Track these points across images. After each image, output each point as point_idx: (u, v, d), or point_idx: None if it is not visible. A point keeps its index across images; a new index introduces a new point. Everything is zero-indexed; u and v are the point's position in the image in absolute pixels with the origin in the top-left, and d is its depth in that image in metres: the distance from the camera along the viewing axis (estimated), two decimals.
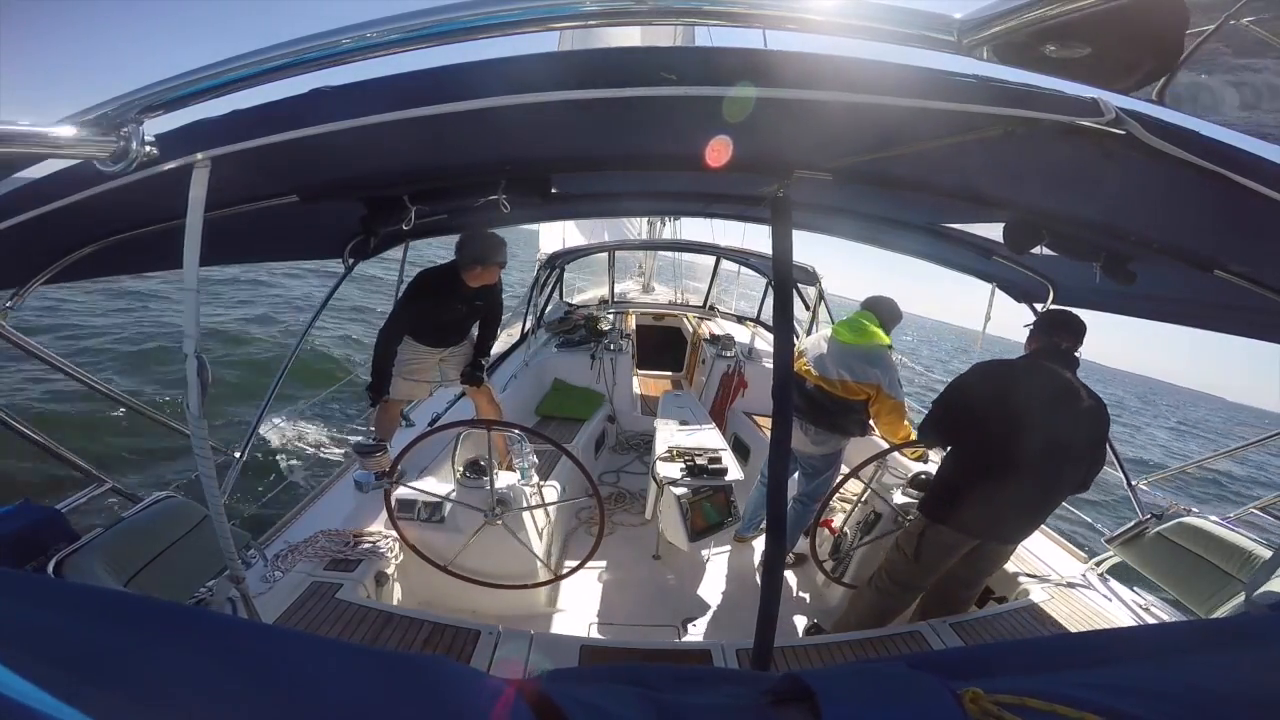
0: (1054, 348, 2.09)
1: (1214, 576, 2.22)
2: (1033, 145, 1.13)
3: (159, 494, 1.94)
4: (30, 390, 6.36)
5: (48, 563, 1.48)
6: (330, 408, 7.14)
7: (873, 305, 2.90)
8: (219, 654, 0.39)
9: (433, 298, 2.89)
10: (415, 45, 0.73)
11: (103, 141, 0.78)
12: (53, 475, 4.80)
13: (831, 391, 2.77)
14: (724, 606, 2.88)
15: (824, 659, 1.98)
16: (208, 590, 1.80)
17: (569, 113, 1.17)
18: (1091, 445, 2.06)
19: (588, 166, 1.82)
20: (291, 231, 2.21)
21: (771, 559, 1.29)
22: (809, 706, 0.42)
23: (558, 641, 2.02)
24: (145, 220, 1.49)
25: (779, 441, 1.32)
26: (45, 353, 1.81)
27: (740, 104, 0.99)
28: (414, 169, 1.68)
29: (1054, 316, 2.20)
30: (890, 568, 2.36)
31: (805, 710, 0.42)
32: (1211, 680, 0.47)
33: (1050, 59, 0.71)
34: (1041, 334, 2.18)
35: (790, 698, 0.44)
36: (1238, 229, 1.35)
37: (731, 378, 5.08)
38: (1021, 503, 2.11)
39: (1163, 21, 0.66)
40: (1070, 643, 0.59)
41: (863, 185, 1.75)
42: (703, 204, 2.77)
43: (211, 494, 1.24)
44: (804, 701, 0.43)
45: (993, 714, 0.40)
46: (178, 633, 0.41)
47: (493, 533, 2.37)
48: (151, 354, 8.48)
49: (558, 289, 6.05)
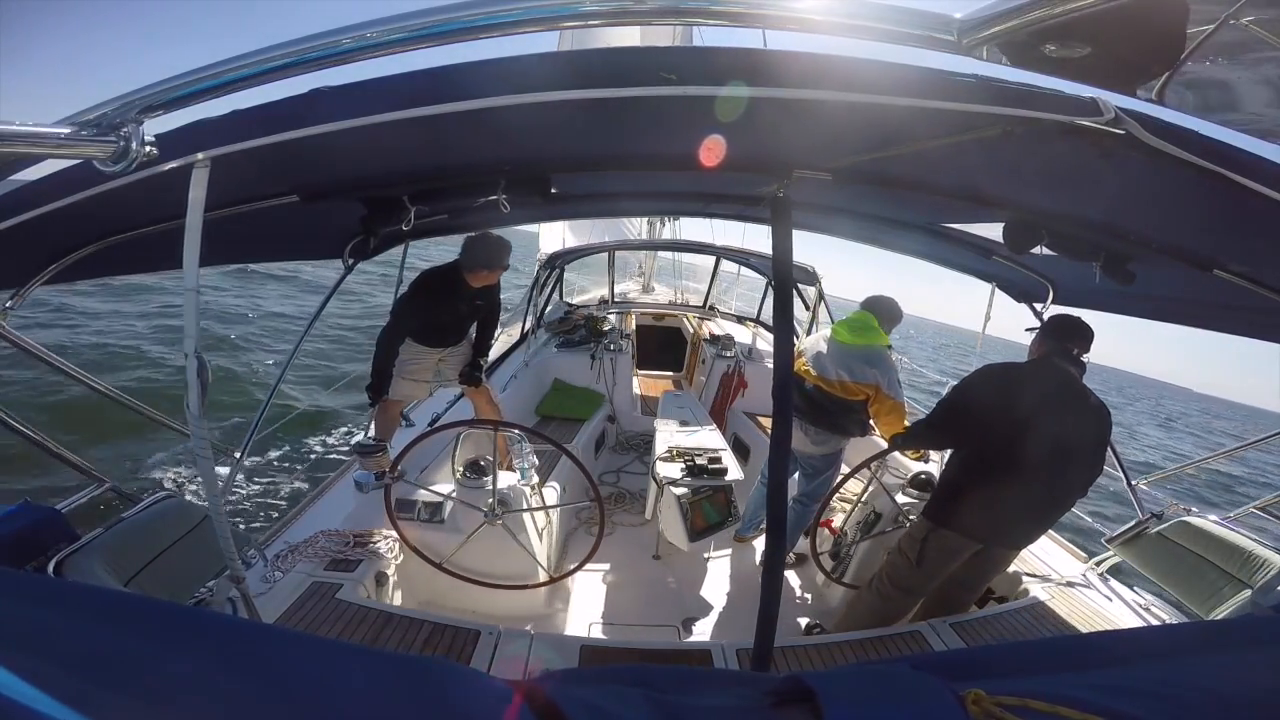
0: (1064, 352, 2.06)
1: (1214, 576, 2.22)
2: (1032, 145, 1.13)
3: (159, 494, 1.94)
4: (30, 390, 6.36)
5: (48, 563, 1.48)
6: (330, 407, 7.14)
7: (872, 305, 2.88)
8: (222, 655, 0.39)
9: (434, 297, 2.89)
10: (415, 45, 0.73)
11: (103, 141, 0.78)
12: (53, 475, 4.81)
13: (831, 392, 2.77)
14: (724, 606, 2.88)
15: (824, 659, 1.97)
16: (208, 590, 1.80)
17: (569, 113, 1.17)
18: (1096, 450, 2.04)
19: (588, 166, 1.81)
20: (291, 231, 2.21)
21: (772, 559, 1.29)
22: (810, 707, 0.42)
23: (558, 641, 2.02)
24: (145, 220, 1.49)
25: (779, 441, 1.32)
26: (45, 353, 1.81)
27: (740, 104, 0.99)
28: (414, 169, 1.68)
29: (1064, 323, 2.15)
30: (892, 571, 2.33)
31: (807, 711, 0.42)
32: (1215, 681, 0.47)
33: (1050, 59, 0.71)
34: (1050, 339, 2.14)
35: (792, 698, 0.44)
36: (1237, 229, 1.35)
37: (731, 378, 5.08)
38: (1028, 508, 2.09)
39: (1162, 21, 0.66)
40: (1072, 644, 0.59)
41: (863, 185, 1.75)
42: (703, 204, 2.77)
43: (211, 494, 1.24)
44: (805, 702, 0.43)
45: (995, 715, 0.39)
46: (180, 633, 0.41)
47: (493, 533, 2.37)
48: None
49: (558, 289, 6.05)
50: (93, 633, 0.38)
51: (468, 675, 0.45)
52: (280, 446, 6.64)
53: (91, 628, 0.39)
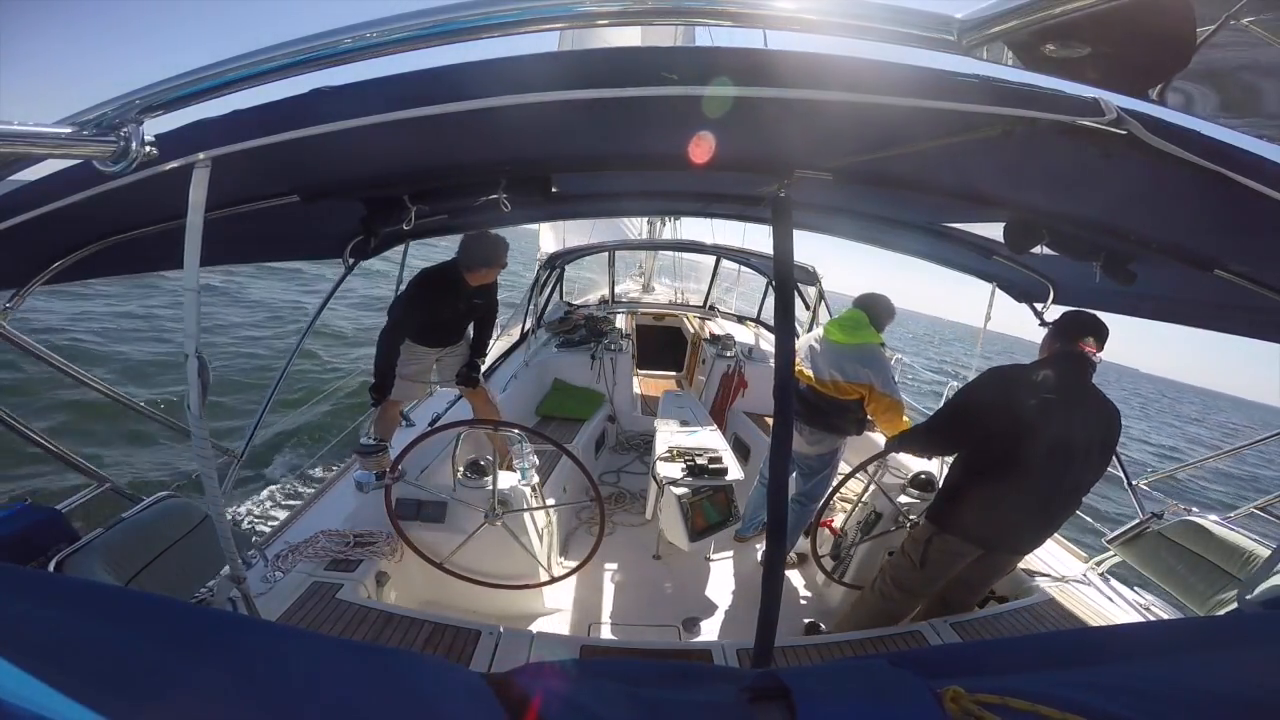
0: (1072, 352, 2.00)
1: (1214, 576, 2.22)
2: (1033, 145, 1.13)
3: (159, 494, 1.94)
4: (30, 390, 6.36)
5: (48, 563, 1.48)
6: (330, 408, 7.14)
7: (864, 303, 2.85)
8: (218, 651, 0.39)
9: (433, 296, 2.89)
10: (415, 45, 0.73)
11: (103, 141, 0.78)
12: (53, 475, 4.81)
13: (824, 392, 2.76)
14: (724, 606, 2.88)
15: (824, 658, 1.97)
16: (208, 590, 1.80)
17: (569, 113, 1.17)
18: (1103, 452, 2.01)
19: (588, 166, 1.81)
20: (292, 231, 2.21)
21: (772, 559, 1.29)
22: (786, 704, 0.42)
23: (559, 642, 2.02)
24: (145, 220, 1.49)
25: (779, 441, 1.32)
26: (45, 353, 1.80)
27: (740, 104, 0.99)
28: (414, 169, 1.68)
29: (1074, 320, 2.06)
30: (895, 573, 2.32)
31: (782, 707, 0.42)
32: (1202, 679, 0.46)
33: (1051, 59, 0.71)
34: (1059, 338, 2.07)
35: (768, 695, 0.44)
36: (1238, 229, 1.35)
37: (731, 378, 5.08)
38: (1033, 513, 2.05)
39: (1163, 21, 0.66)
40: (1059, 641, 0.59)
41: (863, 185, 1.75)
42: (703, 204, 2.77)
43: (212, 494, 1.24)
44: (781, 699, 0.42)
45: (973, 713, 0.39)
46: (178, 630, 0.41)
47: (493, 533, 2.37)
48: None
49: (558, 289, 6.05)
50: (94, 630, 0.38)
51: (438, 666, 0.44)
52: (280, 446, 6.64)
53: (92, 624, 0.39)
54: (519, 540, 2.41)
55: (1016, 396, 1.96)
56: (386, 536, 2.42)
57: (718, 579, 3.10)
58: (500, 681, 0.42)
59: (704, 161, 1.41)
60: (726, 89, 0.92)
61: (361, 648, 0.42)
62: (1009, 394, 1.99)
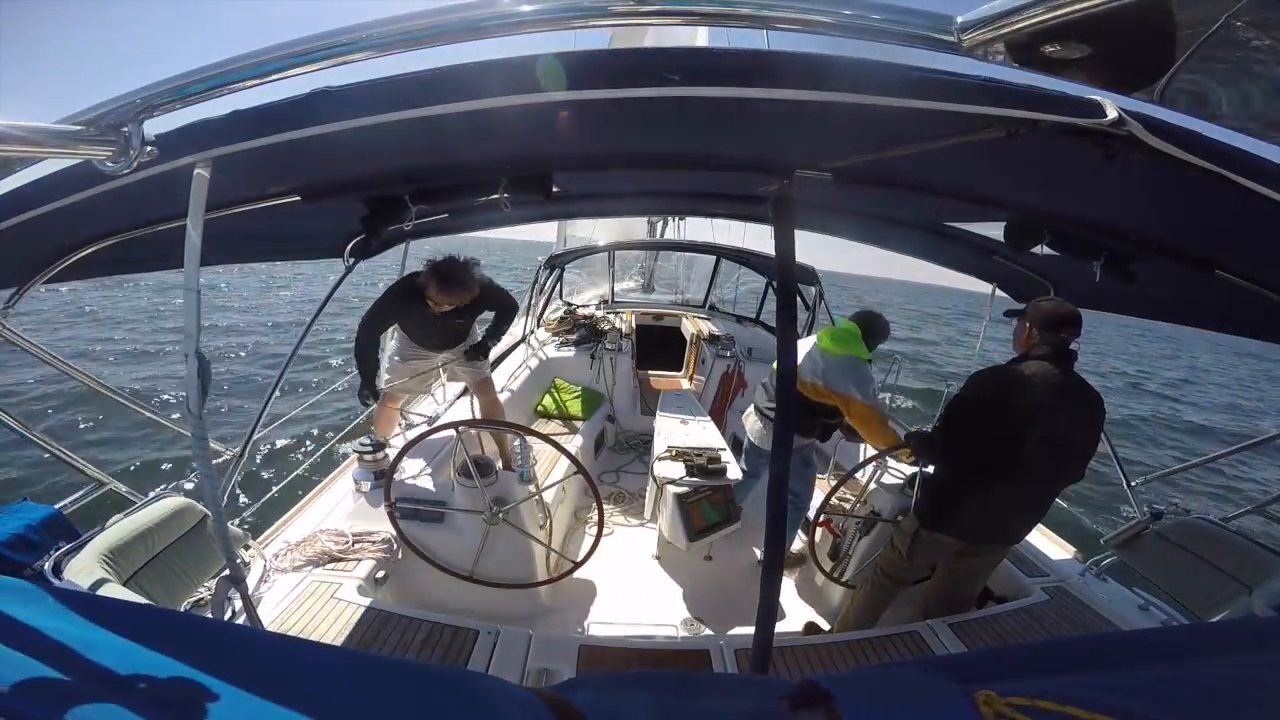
0: (1055, 347, 2.00)
1: (1213, 577, 2.22)
2: (1034, 145, 1.13)
3: (158, 493, 1.94)
4: (30, 390, 6.35)
5: (48, 562, 1.48)
6: (330, 407, 7.14)
7: (861, 319, 2.89)
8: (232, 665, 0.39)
9: (404, 309, 2.86)
10: (416, 45, 0.73)
11: (103, 141, 0.78)
12: (53, 475, 4.82)
13: (801, 391, 2.77)
14: (723, 606, 2.88)
15: (823, 659, 1.98)
16: (207, 589, 1.80)
17: (570, 113, 1.17)
18: (1090, 441, 2.03)
19: (589, 166, 1.81)
20: (292, 231, 2.21)
21: (771, 559, 1.29)
22: (826, 711, 0.42)
23: (556, 641, 2.02)
24: (146, 220, 1.49)
25: (780, 441, 1.32)
26: (46, 353, 1.81)
27: (741, 104, 0.99)
28: (415, 169, 1.68)
29: (1056, 313, 2.02)
30: (886, 565, 2.39)
31: (823, 715, 0.42)
32: (1223, 682, 0.47)
33: (1051, 59, 0.71)
34: (1044, 331, 2.04)
35: (808, 703, 0.44)
36: (1238, 229, 1.35)
37: (731, 378, 5.08)
38: (1020, 509, 2.11)
39: (1164, 21, 0.66)
40: (1079, 644, 0.59)
41: (864, 185, 1.75)
42: (704, 204, 2.77)
43: (211, 494, 1.24)
44: (821, 706, 0.43)
45: (1006, 716, 0.39)
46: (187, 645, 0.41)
47: (492, 532, 2.37)
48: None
49: (558, 289, 6.05)
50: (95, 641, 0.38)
51: (495, 684, 0.45)
52: (280, 446, 6.64)
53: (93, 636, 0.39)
54: (517, 540, 2.42)
55: (1005, 398, 1.98)
56: (385, 536, 2.42)
57: (716, 579, 3.10)
58: (553, 698, 0.43)
59: (705, 161, 1.41)
60: (727, 89, 0.92)
61: (418, 668, 0.42)
62: (998, 396, 2.01)
